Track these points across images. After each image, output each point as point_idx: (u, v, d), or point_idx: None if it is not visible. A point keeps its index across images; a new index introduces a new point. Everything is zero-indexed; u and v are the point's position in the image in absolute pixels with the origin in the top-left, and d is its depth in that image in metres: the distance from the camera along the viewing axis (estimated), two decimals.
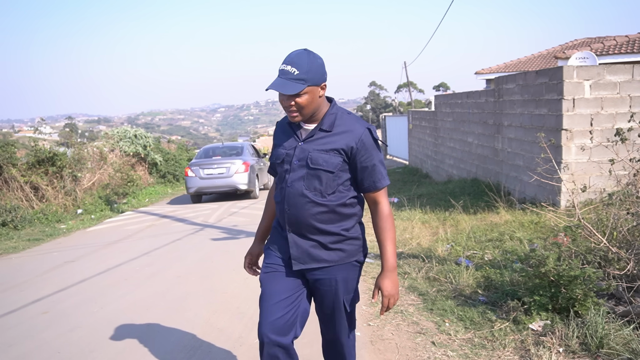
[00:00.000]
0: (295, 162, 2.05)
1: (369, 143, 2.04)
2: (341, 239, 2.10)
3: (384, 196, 2.12)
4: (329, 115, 2.07)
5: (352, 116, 2.11)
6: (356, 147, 2.02)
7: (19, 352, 3.56)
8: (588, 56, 8.86)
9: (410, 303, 4.10)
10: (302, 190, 2.03)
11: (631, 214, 3.84)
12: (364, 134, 2.03)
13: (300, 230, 2.07)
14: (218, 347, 3.45)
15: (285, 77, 1.94)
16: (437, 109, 13.30)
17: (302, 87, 1.93)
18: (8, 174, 9.63)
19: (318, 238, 2.07)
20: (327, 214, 2.05)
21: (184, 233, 7.98)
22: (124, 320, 4.09)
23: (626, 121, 4.57)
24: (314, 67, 1.96)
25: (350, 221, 2.12)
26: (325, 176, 2.02)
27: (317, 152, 2.03)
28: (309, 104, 1.98)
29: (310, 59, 1.96)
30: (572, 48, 14.76)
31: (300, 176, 2.04)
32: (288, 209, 2.06)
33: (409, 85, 35.83)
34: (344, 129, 2.05)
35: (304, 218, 2.04)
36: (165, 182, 16.28)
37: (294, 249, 2.09)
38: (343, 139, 2.02)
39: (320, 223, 2.05)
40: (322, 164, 2.01)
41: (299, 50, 1.99)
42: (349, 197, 2.09)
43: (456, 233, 6.10)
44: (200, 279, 5.25)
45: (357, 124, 2.06)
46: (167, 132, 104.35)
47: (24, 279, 5.58)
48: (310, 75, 1.94)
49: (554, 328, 3.16)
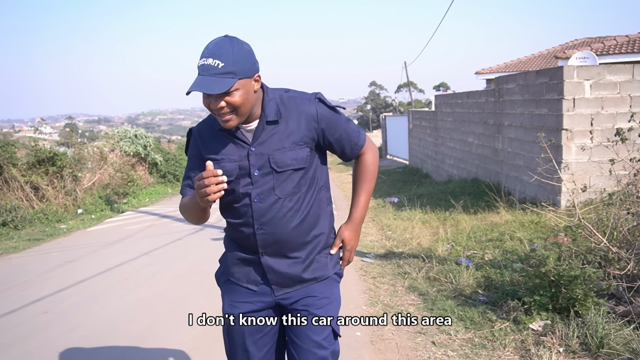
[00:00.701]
0: (256, 172, 1.70)
1: (327, 114, 1.76)
2: (320, 247, 1.82)
3: (368, 147, 1.88)
4: (268, 103, 1.71)
5: (293, 93, 1.77)
6: (319, 127, 1.74)
7: (19, 352, 3.56)
8: (588, 56, 8.85)
9: (410, 303, 4.10)
10: (277, 201, 1.71)
11: (631, 213, 3.84)
12: (318, 109, 1.74)
13: (280, 249, 1.75)
14: (218, 347, 3.45)
15: (208, 73, 1.55)
16: (437, 109, 13.30)
17: (231, 82, 1.55)
18: (8, 173, 9.62)
19: (300, 254, 1.77)
20: (307, 219, 1.76)
21: (184, 233, 7.98)
22: (124, 320, 4.09)
23: (626, 121, 4.57)
24: (242, 55, 1.58)
25: (325, 220, 1.84)
26: (298, 175, 1.72)
27: (279, 152, 1.69)
28: (244, 101, 1.60)
29: (235, 46, 1.58)
30: (572, 48, 14.76)
31: (269, 186, 1.70)
32: (260, 229, 1.71)
33: (409, 85, 35.82)
34: (294, 114, 1.72)
35: (285, 233, 1.72)
36: (165, 182, 16.27)
37: (271, 274, 1.76)
38: (299, 125, 1.71)
39: (302, 234, 1.76)
40: (292, 163, 1.70)
41: (218, 39, 1.60)
42: (321, 184, 1.82)
43: (456, 233, 6.10)
44: (200, 279, 5.25)
45: (304, 101, 1.74)
46: (168, 132, 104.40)
47: (24, 279, 5.58)
48: (239, 66, 1.56)
49: (554, 328, 3.16)
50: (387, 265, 5.17)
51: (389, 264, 5.24)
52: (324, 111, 1.75)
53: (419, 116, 16.02)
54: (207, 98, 1.60)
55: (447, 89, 54.52)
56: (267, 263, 1.75)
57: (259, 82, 1.66)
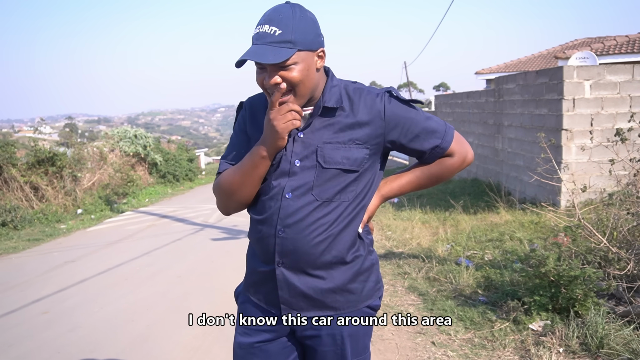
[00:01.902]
0: (297, 162, 1.41)
1: (400, 111, 1.44)
2: (354, 273, 1.45)
3: (456, 150, 1.50)
4: (330, 89, 1.44)
5: (361, 85, 1.50)
6: (387, 126, 1.43)
7: (19, 352, 3.56)
8: (588, 56, 8.85)
9: (410, 303, 4.10)
10: (312, 203, 1.39)
11: (631, 214, 3.84)
12: (387, 104, 1.43)
13: (298, 262, 1.41)
14: (218, 347, 3.45)
15: (263, 41, 1.31)
16: (437, 109, 13.30)
17: (290, 53, 1.30)
18: (8, 174, 9.62)
19: (323, 273, 1.42)
20: (343, 235, 1.42)
21: (184, 233, 7.98)
22: (124, 320, 4.09)
23: (626, 121, 4.57)
24: (304, 24, 1.34)
25: (365, 243, 1.49)
26: (346, 178, 1.41)
27: (330, 145, 1.40)
28: (304, 79, 1.34)
29: (296, 13, 1.34)
30: (572, 48, 14.75)
31: (305, 182, 1.40)
32: (282, 232, 1.40)
33: (409, 85, 35.84)
34: (358, 107, 1.43)
35: (307, 244, 1.39)
36: (165, 182, 16.27)
37: (284, 289, 1.43)
38: (362, 121, 1.42)
39: (332, 250, 1.41)
40: (342, 161, 1.40)
41: (277, 5, 1.37)
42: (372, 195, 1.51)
43: (456, 233, 6.10)
44: (200, 279, 5.25)
45: (372, 95, 1.45)
46: (167, 132, 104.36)
47: (24, 279, 5.58)
48: (299, 35, 1.32)
49: (554, 328, 3.16)
50: (387, 266, 5.17)
51: (389, 264, 5.24)
52: (395, 107, 1.44)
53: None
54: (261, 73, 1.36)
55: (447, 89, 54.50)
56: (282, 275, 1.43)
57: (323, 60, 1.40)
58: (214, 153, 56.50)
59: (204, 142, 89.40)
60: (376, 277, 1.52)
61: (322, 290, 1.43)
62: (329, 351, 1.47)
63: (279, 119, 1.34)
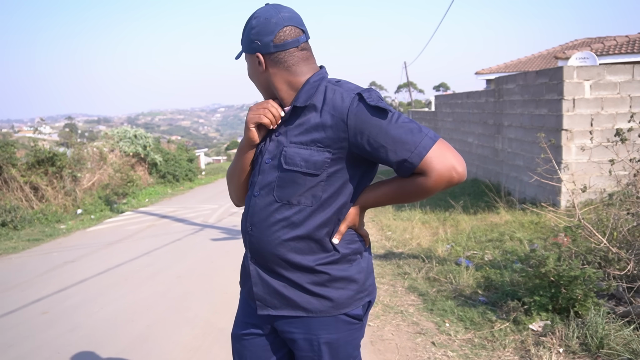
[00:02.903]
0: (267, 161, 1.43)
1: (364, 115, 1.32)
2: (326, 279, 1.41)
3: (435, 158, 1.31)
4: (308, 84, 1.41)
5: (341, 84, 1.41)
6: (349, 130, 1.33)
7: (19, 352, 3.56)
8: (588, 56, 8.85)
9: (410, 303, 4.09)
10: (272, 204, 1.40)
11: (631, 214, 3.84)
12: (352, 106, 1.33)
13: (266, 262, 1.43)
14: (218, 347, 3.45)
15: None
16: (437, 109, 13.31)
17: (240, 52, 1.51)
18: (8, 174, 9.62)
19: (290, 275, 1.41)
20: (307, 242, 1.40)
21: (184, 233, 7.98)
22: (124, 320, 4.09)
23: (626, 121, 4.57)
24: (245, 28, 1.47)
25: (342, 253, 1.43)
26: (307, 182, 1.37)
27: (294, 146, 1.38)
28: (251, 77, 1.53)
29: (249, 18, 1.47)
30: (572, 48, 14.76)
31: (270, 182, 1.41)
32: (250, 229, 1.44)
33: (409, 86, 35.84)
34: (326, 107, 1.36)
35: (269, 244, 1.41)
36: (165, 182, 16.27)
37: (258, 286, 1.45)
38: (325, 122, 1.35)
39: (295, 253, 1.40)
40: (300, 163, 1.36)
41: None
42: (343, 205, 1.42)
43: (456, 233, 6.10)
44: (200, 279, 5.25)
45: (342, 95, 1.36)
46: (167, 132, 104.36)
47: (24, 279, 5.57)
48: (243, 38, 1.48)
49: (554, 328, 3.16)
50: (386, 266, 5.17)
51: (389, 264, 5.24)
52: (360, 112, 1.32)
53: (419, 116, 16.02)
54: None
55: (447, 89, 54.51)
56: (255, 271, 1.46)
57: (262, 64, 1.43)
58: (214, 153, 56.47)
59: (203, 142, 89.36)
60: (359, 286, 1.44)
61: (291, 290, 1.42)
62: (306, 357, 1.44)
63: (251, 111, 1.45)
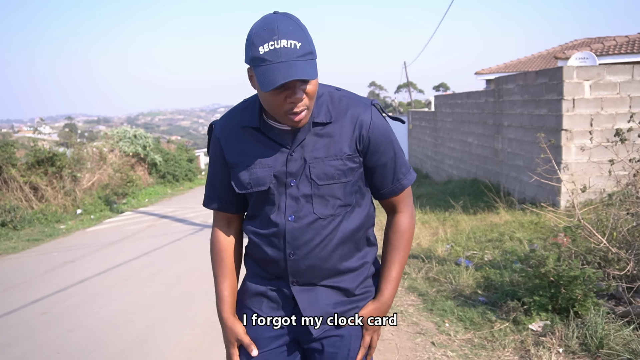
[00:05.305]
0: (292, 182, 1.36)
1: (382, 128, 1.38)
2: (365, 276, 1.47)
3: (408, 197, 1.47)
4: (318, 99, 1.37)
5: (345, 93, 1.42)
6: (366, 140, 1.36)
7: (18, 352, 3.56)
8: (588, 56, 8.85)
9: (410, 303, 4.10)
10: (317, 221, 1.36)
11: (631, 214, 3.84)
12: (373, 117, 1.37)
13: (314, 278, 1.40)
14: (218, 347, 3.45)
15: (289, 57, 1.20)
16: (437, 109, 13.31)
17: (316, 65, 1.25)
18: (7, 174, 9.61)
19: (339, 284, 1.42)
20: (350, 243, 1.43)
21: (184, 233, 7.98)
22: (124, 320, 4.09)
23: (626, 121, 4.57)
24: (307, 32, 1.25)
25: (371, 246, 1.51)
26: (342, 190, 1.38)
27: (322, 162, 1.35)
28: (317, 90, 1.30)
29: (299, 23, 1.25)
30: (572, 48, 14.76)
31: (305, 202, 1.37)
32: (293, 254, 1.37)
33: (408, 86, 35.85)
34: (344, 117, 1.37)
35: (323, 259, 1.38)
36: (164, 182, 16.26)
37: (307, 309, 1.40)
38: (347, 131, 1.36)
39: (344, 260, 1.42)
40: (335, 175, 1.36)
41: (270, 17, 1.23)
42: (369, 204, 1.47)
43: (456, 233, 6.11)
44: (200, 279, 5.25)
45: (359, 104, 1.38)
46: (167, 132, 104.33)
47: (24, 279, 5.57)
48: (313, 44, 1.25)
49: (554, 328, 3.16)
50: None
51: None
52: (379, 122, 1.38)
53: (419, 116, 16.03)
54: (281, 93, 1.23)
55: (447, 89, 54.53)
56: (302, 294, 1.41)
57: None
58: None
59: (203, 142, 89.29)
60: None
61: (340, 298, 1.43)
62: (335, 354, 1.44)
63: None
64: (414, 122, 16.41)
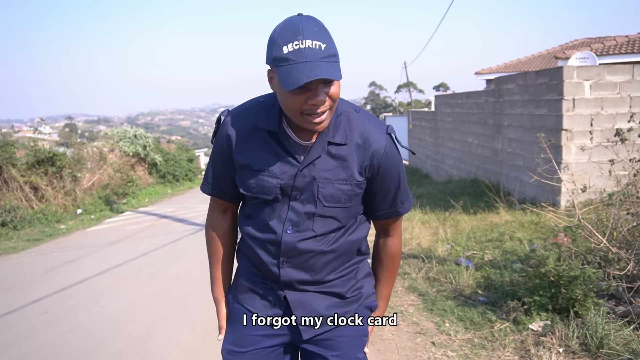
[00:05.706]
0: (297, 195, 1.36)
1: (393, 159, 1.38)
2: (355, 280, 1.49)
3: (400, 222, 1.53)
4: (337, 117, 1.34)
5: (364, 115, 1.39)
6: (377, 169, 1.36)
7: (18, 352, 3.56)
8: (588, 56, 8.85)
9: (410, 303, 4.09)
10: (313, 238, 1.38)
11: (631, 214, 3.84)
12: (387, 145, 1.36)
13: (305, 285, 1.43)
14: (218, 347, 3.44)
15: (314, 57, 1.17)
16: (437, 109, 13.31)
17: (339, 68, 1.22)
18: (8, 174, 9.62)
19: (330, 289, 1.44)
20: (343, 256, 1.44)
21: (184, 233, 7.98)
22: (124, 320, 4.09)
23: (626, 121, 4.57)
24: (331, 36, 1.23)
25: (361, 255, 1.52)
26: (344, 213, 1.39)
27: (330, 184, 1.34)
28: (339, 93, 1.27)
29: (323, 26, 1.23)
30: (572, 48, 14.76)
31: (306, 218, 1.37)
32: (286, 262, 1.39)
33: (409, 86, 35.85)
34: (358, 139, 1.35)
35: (315, 271, 1.41)
36: (165, 182, 16.27)
37: (299, 309, 1.42)
38: (358, 155, 1.35)
39: (334, 271, 1.44)
40: (342, 199, 1.36)
41: (295, 19, 1.22)
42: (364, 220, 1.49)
43: (456, 233, 6.10)
44: (200, 279, 5.24)
45: (375, 130, 1.37)
46: (167, 132, 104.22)
47: (24, 279, 5.57)
48: (336, 48, 1.22)
49: (554, 328, 3.16)
50: None
51: None
52: (392, 153, 1.37)
53: (419, 116, 16.02)
54: (303, 94, 1.20)
55: (447, 89, 54.52)
56: (294, 297, 1.42)
57: None
58: None
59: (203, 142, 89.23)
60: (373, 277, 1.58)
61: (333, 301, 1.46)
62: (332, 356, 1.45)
63: None
64: (414, 122, 16.41)
